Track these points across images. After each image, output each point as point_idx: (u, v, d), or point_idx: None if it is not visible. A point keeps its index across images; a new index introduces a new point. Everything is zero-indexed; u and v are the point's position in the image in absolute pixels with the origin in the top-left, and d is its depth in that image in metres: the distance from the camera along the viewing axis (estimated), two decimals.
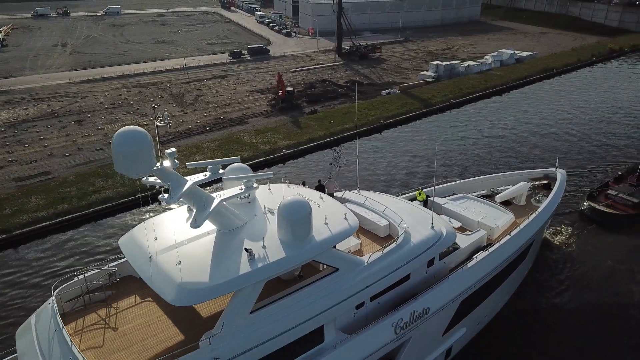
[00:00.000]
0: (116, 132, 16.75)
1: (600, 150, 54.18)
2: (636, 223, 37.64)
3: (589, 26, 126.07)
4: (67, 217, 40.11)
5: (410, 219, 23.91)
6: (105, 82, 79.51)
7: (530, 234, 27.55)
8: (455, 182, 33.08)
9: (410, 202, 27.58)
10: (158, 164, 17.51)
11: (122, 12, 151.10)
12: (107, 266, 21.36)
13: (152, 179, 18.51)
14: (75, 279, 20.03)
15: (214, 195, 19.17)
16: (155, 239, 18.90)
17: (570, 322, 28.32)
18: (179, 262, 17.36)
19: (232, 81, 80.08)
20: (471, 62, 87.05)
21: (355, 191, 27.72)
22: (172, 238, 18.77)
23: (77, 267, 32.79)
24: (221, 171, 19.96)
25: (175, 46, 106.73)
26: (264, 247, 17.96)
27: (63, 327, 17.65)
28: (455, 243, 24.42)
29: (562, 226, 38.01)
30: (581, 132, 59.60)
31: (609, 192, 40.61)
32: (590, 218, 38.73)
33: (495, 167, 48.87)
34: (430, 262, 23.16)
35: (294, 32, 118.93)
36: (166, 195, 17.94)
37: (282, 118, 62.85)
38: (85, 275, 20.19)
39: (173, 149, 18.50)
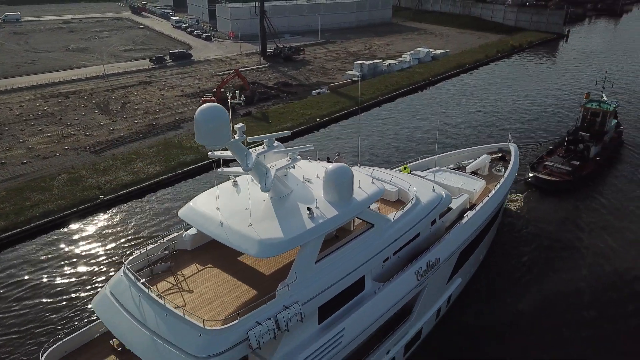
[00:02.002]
0: (199, 109, 19.25)
1: (527, 130, 60.76)
2: (572, 187, 45.26)
3: (490, 25, 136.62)
4: (6, 234, 37.60)
5: (415, 185, 27.56)
6: (17, 93, 74.24)
7: (503, 195, 33.21)
8: (428, 158, 37.86)
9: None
10: (236, 136, 20.04)
11: (23, 20, 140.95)
12: (164, 239, 23.49)
13: (217, 153, 21.48)
14: (138, 252, 21.99)
15: (268, 165, 21.73)
16: (217, 208, 21.29)
17: (527, 267, 34.95)
18: (250, 224, 20.01)
19: (159, 87, 78.05)
20: (392, 61, 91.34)
21: (357, 166, 30.61)
22: (231, 207, 21.23)
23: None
24: (276, 144, 22.81)
25: (89, 53, 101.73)
26: (317, 207, 20.83)
27: (149, 290, 19.63)
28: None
29: (515, 194, 44.01)
30: (508, 117, 66.07)
31: (546, 163, 47.61)
32: (535, 186, 45.52)
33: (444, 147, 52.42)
34: (433, 221, 26.91)
35: (214, 37, 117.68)
36: (226, 169, 22.26)
37: None
38: (147, 248, 22.24)
39: (242, 124, 20.74)
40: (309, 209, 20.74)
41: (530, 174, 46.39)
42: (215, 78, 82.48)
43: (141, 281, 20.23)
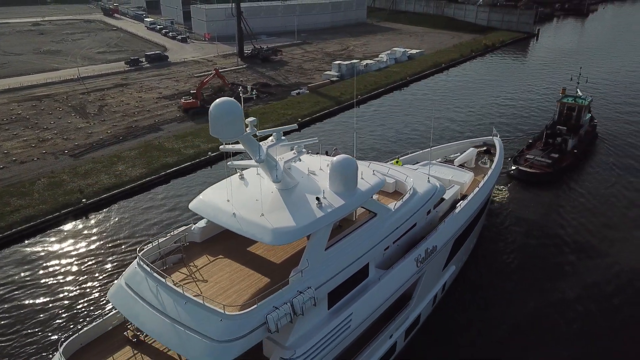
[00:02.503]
0: (213, 103, 20.11)
1: (506, 125, 62.50)
2: (552, 178, 47.32)
3: (463, 25, 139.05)
4: None
5: (411, 177, 28.63)
6: None
7: (491, 186, 34.76)
8: (417, 152, 39.20)
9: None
10: (247, 130, 20.89)
11: None
12: (174, 232, 24.11)
13: (229, 146, 22.35)
14: (150, 245, 22.58)
15: (276, 158, 22.58)
16: (228, 200, 22.04)
17: (514, 255, 36.71)
18: (262, 215, 20.79)
19: (136, 89, 77.04)
20: (369, 61, 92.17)
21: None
22: (241, 199, 21.99)
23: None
24: (283, 137, 23.76)
25: (62, 56, 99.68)
26: (325, 197, 21.72)
27: (166, 279, 20.25)
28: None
29: (499, 186, 45.48)
30: (487, 113, 67.79)
31: (527, 156, 49.56)
32: (517, 178, 47.42)
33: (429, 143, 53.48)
34: (429, 211, 27.98)
35: (189, 38, 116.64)
36: (236, 162, 23.43)
37: (198, 122, 62.10)
38: (159, 241, 22.84)
39: (254, 118, 21.56)
40: (317, 198, 21.65)
41: (513, 167, 48.12)
42: (193, 79, 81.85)
43: (158, 271, 20.88)
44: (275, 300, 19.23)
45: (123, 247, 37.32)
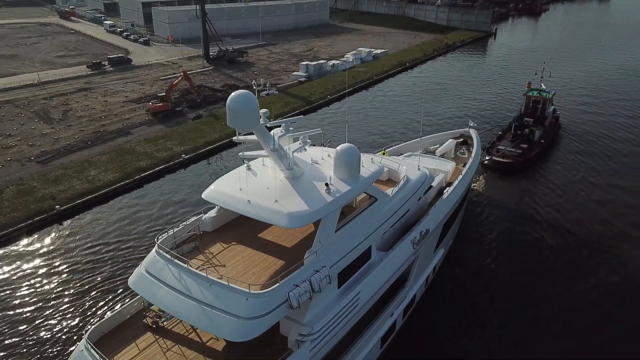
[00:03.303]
0: (231, 95, 21.49)
1: (475, 119, 62.93)
2: (523, 167, 50.38)
3: (424, 25, 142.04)
4: None
5: (403, 165, 30.24)
6: None
7: (472, 173, 37.08)
8: (401, 144, 40.56)
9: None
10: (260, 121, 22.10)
11: None
12: (188, 222, 24.90)
13: (242, 137, 23.96)
14: (165, 235, 23.29)
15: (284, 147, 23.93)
16: (240, 189, 23.04)
17: (495, 237, 39.43)
18: (276, 201, 21.89)
19: (100, 93, 75.25)
20: (335, 61, 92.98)
21: None
22: (253, 188, 23.02)
23: None
24: (291, 128, 25.00)
25: (19, 60, 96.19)
26: (331, 184, 22.94)
27: (187, 264, 21.24)
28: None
29: (475, 176, 47.18)
30: (456, 107, 69.93)
31: (499, 147, 52.36)
32: (491, 168, 50.14)
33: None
34: (419, 197, 29.61)
35: (151, 40, 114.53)
36: (247, 152, 24.79)
37: (168, 125, 61.31)
38: (174, 230, 23.58)
39: (266, 110, 22.96)
40: (326, 184, 22.90)
41: (487, 158, 50.40)
42: (159, 82, 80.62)
43: (180, 257, 21.76)
44: (295, 278, 20.49)
45: (102, 251, 36.62)
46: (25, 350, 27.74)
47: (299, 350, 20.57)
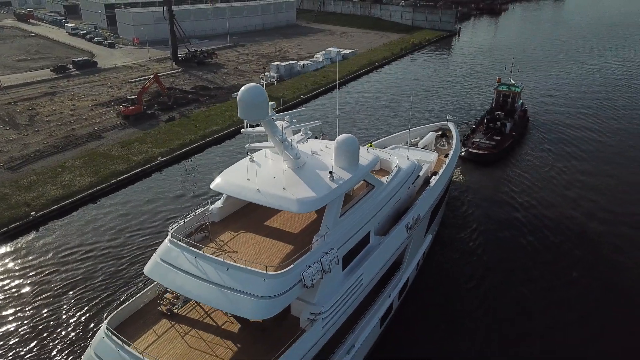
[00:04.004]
0: (242, 88, 22.44)
1: (449, 113, 66.25)
2: (497, 158, 53.10)
3: (390, 25, 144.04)
4: None
5: (394, 156, 31.70)
6: None
7: (455, 163, 38.83)
8: (385, 138, 41.72)
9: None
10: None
11: None
12: (196, 212, 25.63)
13: (250, 129, 24.81)
14: (177, 225, 23.99)
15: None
16: (248, 179, 23.97)
17: (476, 222, 41.80)
18: (284, 189, 22.98)
19: (67, 97, 73.34)
20: (306, 62, 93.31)
21: None
22: (260, 177, 23.96)
23: None
24: (294, 120, 26.24)
25: None
26: (333, 172, 24.18)
27: (202, 250, 22.21)
28: None
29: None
30: (429, 103, 71.85)
31: (473, 140, 54.65)
32: (468, 159, 52.36)
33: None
34: (409, 185, 31.16)
35: (116, 43, 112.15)
36: (253, 144, 25.75)
37: (141, 128, 60.42)
38: (185, 220, 24.43)
39: (272, 102, 23.71)
40: (330, 172, 24.15)
41: (463, 150, 52.13)
42: (128, 85, 79.23)
43: (195, 244, 22.71)
44: (307, 260, 21.74)
45: (82, 256, 35.96)
46: None
47: (312, 328, 21.89)
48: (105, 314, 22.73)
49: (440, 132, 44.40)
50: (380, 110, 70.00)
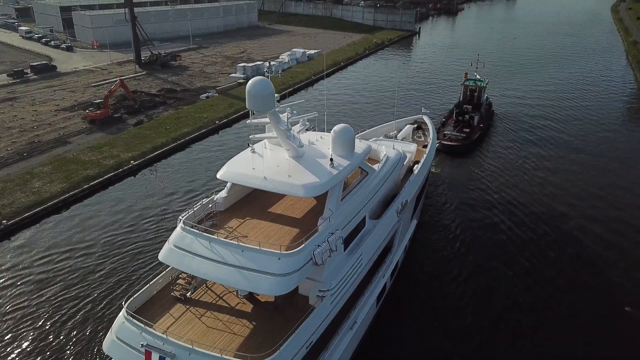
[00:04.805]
0: (250, 81, 23.69)
1: (417, 108, 67.74)
2: (468, 149, 55.95)
3: (351, 25, 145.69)
4: None
5: (382, 146, 33.62)
6: None
7: (434, 153, 41.33)
8: (366, 131, 43.49)
9: None
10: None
11: None
12: (204, 201, 26.67)
13: (255, 120, 26.48)
14: (187, 214, 24.84)
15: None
16: (253, 168, 25.24)
17: (453, 207, 44.48)
18: (289, 176, 24.45)
19: (28, 102, 70.98)
20: (272, 62, 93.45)
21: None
22: (264, 166, 25.24)
23: None
24: (294, 112, 27.40)
25: None
26: (332, 160, 25.70)
27: (216, 235, 23.27)
28: None
29: None
30: (399, 98, 71.82)
31: (445, 132, 57.08)
32: (441, 150, 54.60)
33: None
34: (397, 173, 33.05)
35: (74, 46, 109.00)
36: (257, 135, 27.70)
37: (109, 132, 59.21)
38: (194, 209, 25.37)
39: (277, 95, 24.51)
40: (331, 159, 25.66)
41: (437, 141, 53.29)
42: (91, 89, 77.32)
43: (209, 230, 23.82)
44: (316, 240, 23.28)
45: (58, 264, 35.17)
46: None
47: (321, 304, 23.43)
48: (124, 301, 23.43)
49: (416, 125, 46.07)
50: (358, 107, 72.20)
